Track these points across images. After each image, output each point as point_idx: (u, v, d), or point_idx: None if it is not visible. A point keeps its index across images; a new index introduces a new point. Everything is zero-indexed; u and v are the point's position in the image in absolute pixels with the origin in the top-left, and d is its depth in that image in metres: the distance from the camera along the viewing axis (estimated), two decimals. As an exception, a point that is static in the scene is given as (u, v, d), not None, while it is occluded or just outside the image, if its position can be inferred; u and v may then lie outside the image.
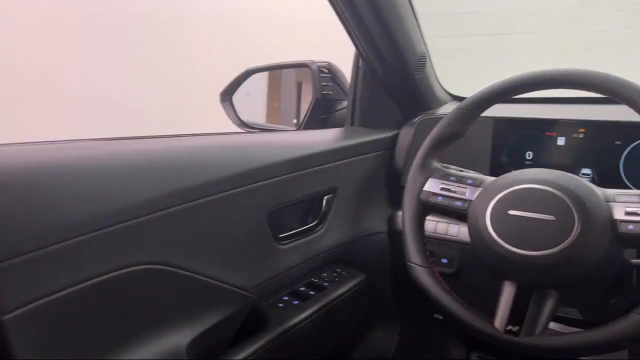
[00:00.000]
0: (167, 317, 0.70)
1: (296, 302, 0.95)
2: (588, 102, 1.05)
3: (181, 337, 0.72)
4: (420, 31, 1.15)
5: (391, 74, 1.17)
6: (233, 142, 0.93)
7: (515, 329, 0.70)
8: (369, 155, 1.14)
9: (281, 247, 0.91)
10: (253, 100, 1.65)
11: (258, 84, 1.58)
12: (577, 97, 0.84)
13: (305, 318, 0.93)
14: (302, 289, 0.99)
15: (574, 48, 2.46)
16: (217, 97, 1.48)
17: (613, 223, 0.67)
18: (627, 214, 0.66)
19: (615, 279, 0.72)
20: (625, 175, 0.94)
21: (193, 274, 0.73)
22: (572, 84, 0.76)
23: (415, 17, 1.12)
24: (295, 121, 1.67)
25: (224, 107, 1.48)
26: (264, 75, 1.53)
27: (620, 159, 0.95)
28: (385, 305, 1.27)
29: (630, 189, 0.75)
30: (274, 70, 1.54)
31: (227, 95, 1.47)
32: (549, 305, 0.69)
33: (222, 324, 0.79)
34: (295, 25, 3.30)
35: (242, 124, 1.47)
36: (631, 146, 0.94)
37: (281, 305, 0.93)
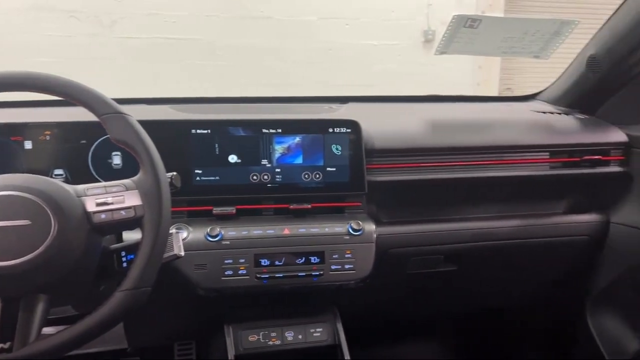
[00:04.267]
0: None
1: None
2: (55, 105, 1.07)
3: None
4: None
5: None
6: None
7: (7, 345, 0.67)
8: None
9: None
10: None
11: None
12: (44, 100, 0.84)
13: None
14: None
15: (35, 51, 2.44)
16: None
17: (87, 215, 0.72)
18: (98, 204, 0.73)
19: (100, 266, 0.79)
20: (94, 170, 1.03)
21: None
22: (30, 87, 0.75)
23: None
24: None
25: None
26: None
27: (88, 156, 1.03)
28: None
29: (100, 182, 0.81)
30: None
31: None
32: (39, 310, 0.69)
33: None
34: None
35: None
36: (95, 144, 1.03)
37: None
